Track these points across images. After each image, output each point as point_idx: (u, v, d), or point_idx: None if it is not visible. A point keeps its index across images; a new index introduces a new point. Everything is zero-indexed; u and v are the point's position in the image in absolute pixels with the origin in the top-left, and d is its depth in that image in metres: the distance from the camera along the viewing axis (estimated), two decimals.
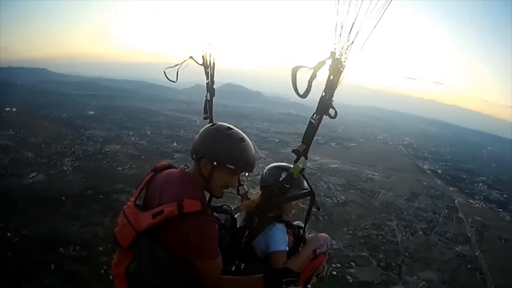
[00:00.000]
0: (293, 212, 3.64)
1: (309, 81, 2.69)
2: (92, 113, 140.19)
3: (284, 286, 3.10)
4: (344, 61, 2.76)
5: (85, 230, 53.66)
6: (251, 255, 3.40)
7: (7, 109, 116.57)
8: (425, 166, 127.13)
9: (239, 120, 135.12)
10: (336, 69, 2.77)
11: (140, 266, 2.57)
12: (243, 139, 2.81)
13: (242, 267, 3.27)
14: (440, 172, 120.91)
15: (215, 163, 2.71)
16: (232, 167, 2.74)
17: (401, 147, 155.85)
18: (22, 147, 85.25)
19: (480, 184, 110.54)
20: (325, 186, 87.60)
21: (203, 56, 3.89)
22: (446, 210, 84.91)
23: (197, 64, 3.92)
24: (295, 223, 3.79)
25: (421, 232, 72.41)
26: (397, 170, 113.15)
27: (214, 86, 4.04)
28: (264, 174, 3.61)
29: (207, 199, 3.07)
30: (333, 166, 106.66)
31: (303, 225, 3.72)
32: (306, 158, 3.09)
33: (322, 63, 2.72)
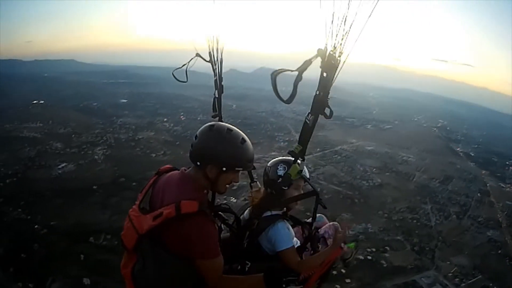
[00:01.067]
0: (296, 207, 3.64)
1: (294, 84, 2.57)
2: (125, 101, 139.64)
3: (284, 285, 3.26)
4: (339, 56, 2.66)
5: (116, 218, 52.15)
6: (257, 253, 3.46)
7: (34, 101, 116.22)
8: (458, 149, 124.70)
9: (273, 104, 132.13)
10: (330, 65, 2.68)
11: (143, 268, 2.70)
12: (244, 139, 2.88)
13: (248, 265, 3.32)
14: (472, 155, 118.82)
15: (224, 168, 2.79)
16: (240, 169, 2.87)
17: (435, 129, 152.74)
18: (50, 138, 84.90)
19: (511, 167, 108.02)
20: (361, 169, 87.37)
21: (209, 52, 3.86)
22: (479, 194, 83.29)
23: (204, 61, 3.93)
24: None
25: (454, 216, 71.42)
26: (432, 153, 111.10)
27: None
28: (266, 168, 3.62)
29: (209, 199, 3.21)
30: (369, 148, 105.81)
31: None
32: (303, 160, 3.11)
33: (308, 62, 2.58)
